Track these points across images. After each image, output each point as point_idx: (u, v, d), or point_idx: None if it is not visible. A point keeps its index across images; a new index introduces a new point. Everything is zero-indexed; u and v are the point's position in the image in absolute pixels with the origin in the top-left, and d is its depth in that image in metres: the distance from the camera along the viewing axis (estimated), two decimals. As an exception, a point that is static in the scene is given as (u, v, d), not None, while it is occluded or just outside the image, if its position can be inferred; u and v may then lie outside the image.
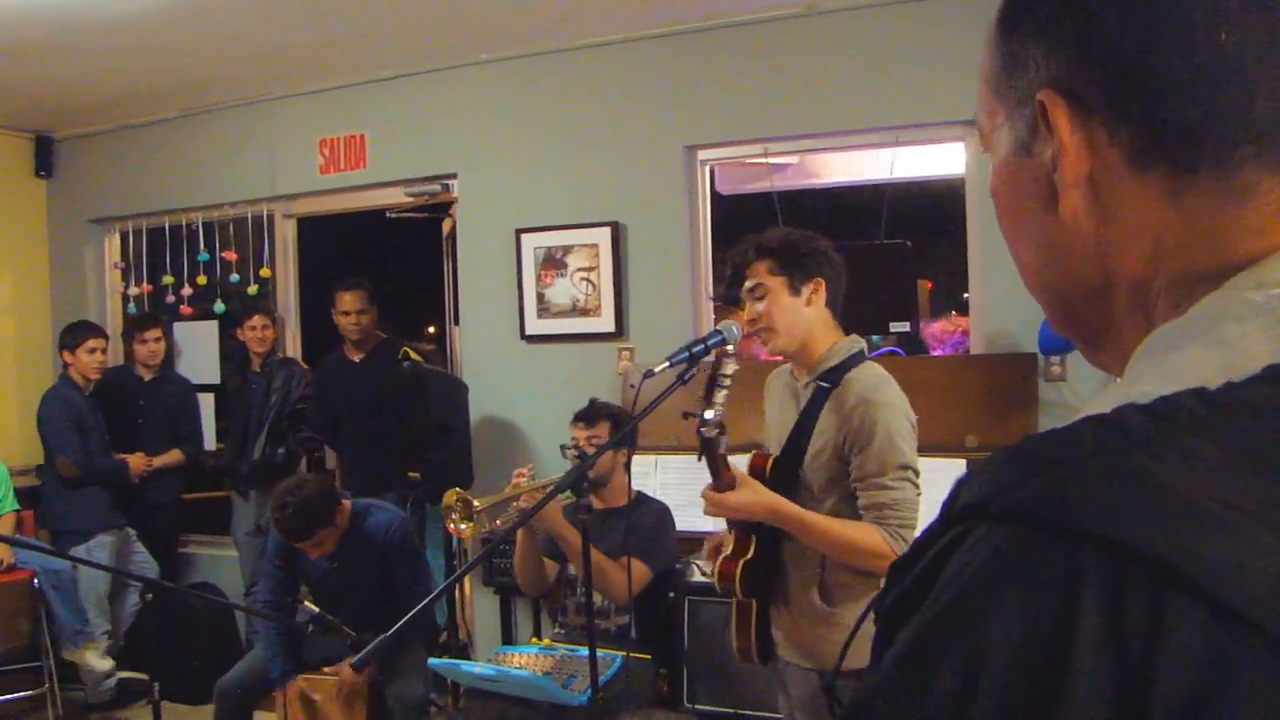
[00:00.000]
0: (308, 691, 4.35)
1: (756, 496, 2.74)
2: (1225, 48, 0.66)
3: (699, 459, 2.75)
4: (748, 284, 2.90)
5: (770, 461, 2.92)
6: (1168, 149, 0.68)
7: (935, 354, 6.57)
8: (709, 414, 2.66)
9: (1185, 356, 0.64)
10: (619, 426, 4.14)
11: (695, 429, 2.70)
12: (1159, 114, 0.68)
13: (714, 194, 5.66)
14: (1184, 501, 0.53)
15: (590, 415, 4.25)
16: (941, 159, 5.51)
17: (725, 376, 2.70)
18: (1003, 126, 0.77)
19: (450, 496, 3.73)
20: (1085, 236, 0.73)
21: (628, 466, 4.15)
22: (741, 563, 2.91)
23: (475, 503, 3.70)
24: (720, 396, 2.69)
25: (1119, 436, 0.57)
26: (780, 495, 2.79)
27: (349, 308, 5.74)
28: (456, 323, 6.22)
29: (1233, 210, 0.68)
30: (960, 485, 0.62)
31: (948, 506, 0.62)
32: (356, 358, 5.84)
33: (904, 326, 5.17)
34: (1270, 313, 0.62)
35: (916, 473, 2.76)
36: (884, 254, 5.06)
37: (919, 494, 2.75)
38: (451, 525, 3.74)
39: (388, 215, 6.38)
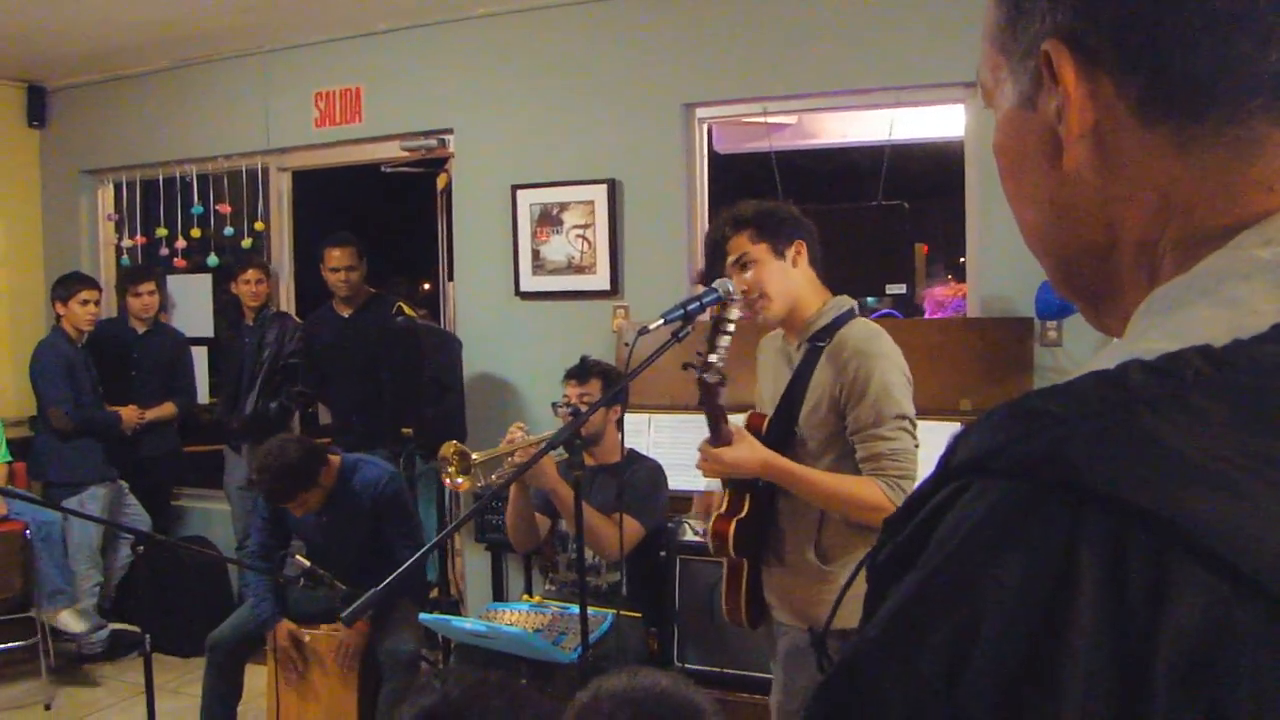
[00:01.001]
0: (298, 635, 4.35)
1: (752, 452, 2.74)
2: None
3: (699, 405, 2.74)
4: (731, 258, 2.90)
5: (766, 422, 2.92)
6: (1176, 101, 0.67)
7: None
8: (712, 357, 2.66)
9: (1191, 314, 0.62)
10: (611, 384, 4.13)
11: (696, 377, 2.69)
12: (1168, 64, 0.66)
13: (711, 153, 5.63)
14: (1189, 461, 0.52)
15: (582, 372, 4.24)
16: (941, 121, 5.47)
17: (729, 322, 2.69)
18: (1006, 80, 0.76)
19: (448, 448, 3.72)
20: (1090, 192, 0.72)
21: (620, 424, 4.15)
22: (735, 521, 2.90)
23: (473, 456, 3.69)
24: (724, 342, 2.68)
25: (1123, 394, 0.56)
26: (778, 453, 2.79)
27: (338, 264, 5.71)
28: (450, 279, 6.19)
29: (1242, 166, 0.66)
30: (958, 440, 0.61)
31: (945, 461, 0.61)
32: (346, 313, 5.82)
33: (900, 289, 5.16)
34: (1277, 270, 0.61)
35: (913, 423, 2.76)
36: (881, 215, 5.04)
37: (917, 444, 2.76)
38: (448, 479, 3.73)
39: (383, 169, 6.35)
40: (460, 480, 3.70)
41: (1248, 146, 0.66)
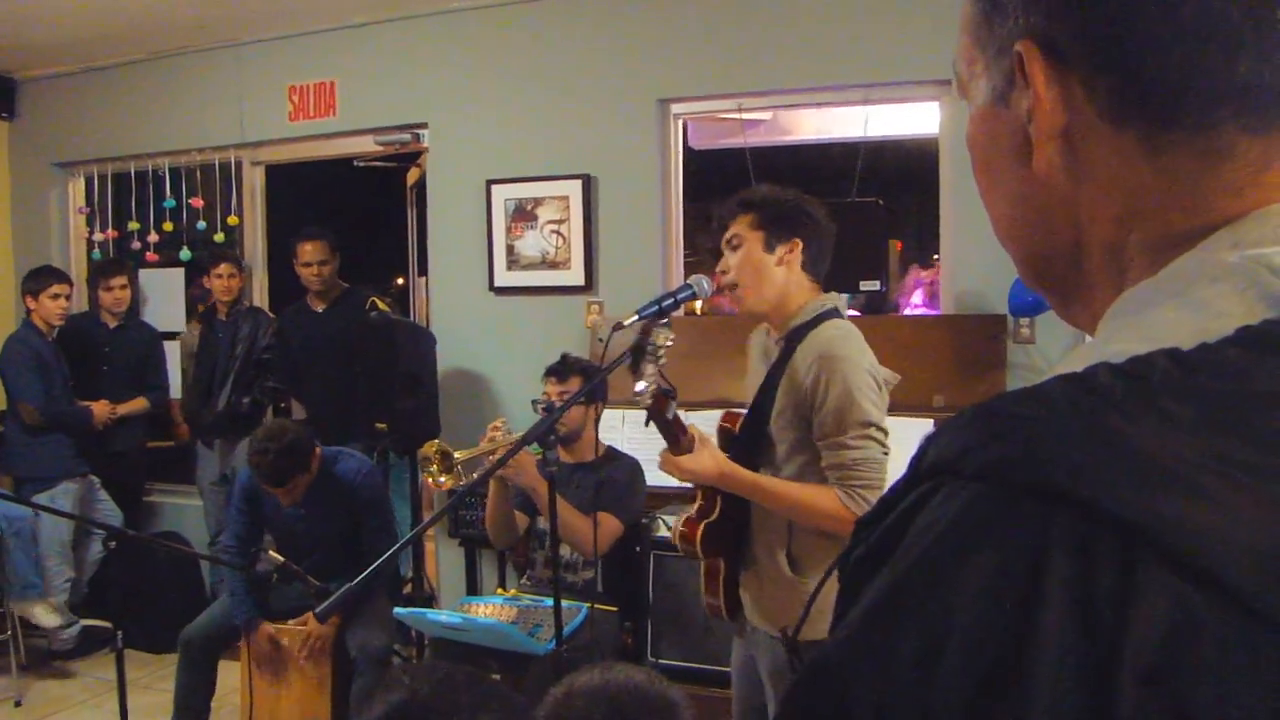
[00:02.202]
0: (275, 637, 4.34)
1: (712, 462, 2.71)
2: (1210, 4, 0.64)
3: (646, 424, 2.73)
4: (727, 233, 2.88)
5: (740, 421, 2.92)
6: (1146, 106, 0.67)
7: (907, 311, 6.60)
8: (639, 385, 2.62)
9: (1159, 316, 0.63)
10: (591, 380, 4.13)
11: (643, 405, 2.67)
12: (1138, 70, 0.66)
13: (686, 149, 5.63)
14: (1156, 463, 0.53)
15: (562, 370, 4.24)
16: (915, 118, 5.50)
17: (656, 347, 2.64)
18: (980, 75, 0.76)
19: (429, 448, 3.71)
20: (1058, 193, 0.72)
21: (598, 421, 4.14)
22: (703, 525, 2.89)
23: (455, 455, 3.68)
24: (650, 369, 2.63)
25: (1091, 396, 0.56)
26: (748, 456, 2.78)
27: (310, 258, 5.69)
28: (420, 274, 6.18)
29: (1211, 171, 0.67)
30: (928, 442, 0.61)
31: (915, 463, 0.62)
32: (319, 308, 5.80)
33: (874, 285, 5.17)
34: (1245, 273, 0.62)
35: (881, 429, 2.70)
36: (855, 212, 5.05)
37: (885, 452, 2.70)
38: (430, 478, 3.72)
39: (355, 164, 6.32)
40: (444, 480, 3.69)
41: (1216, 154, 0.67)
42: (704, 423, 3.05)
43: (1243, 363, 0.56)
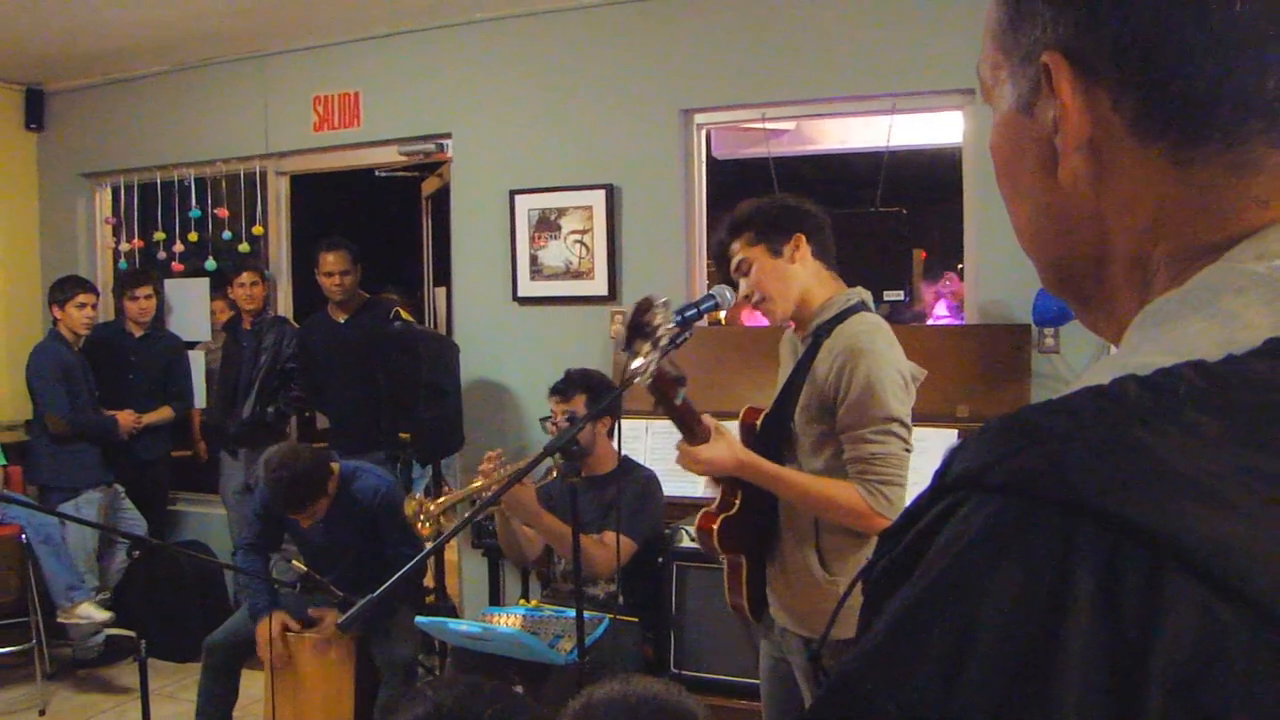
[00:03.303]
0: (290, 625, 4.35)
1: (729, 451, 2.69)
2: (1240, 18, 0.64)
3: (654, 408, 2.70)
4: (733, 262, 2.88)
5: (761, 416, 2.90)
6: (1174, 120, 0.67)
7: (931, 321, 6.58)
8: (634, 364, 2.53)
9: (1185, 328, 0.62)
10: (596, 394, 4.12)
11: (650, 389, 2.63)
12: (1167, 84, 0.66)
13: (710, 158, 5.64)
14: (1182, 476, 0.52)
15: (565, 388, 4.20)
16: (939, 127, 5.48)
17: (649, 325, 2.54)
18: (1005, 82, 0.76)
19: (410, 506, 3.73)
20: (1083, 204, 0.72)
21: (611, 433, 4.12)
22: (722, 518, 2.85)
23: (430, 506, 3.68)
24: (646, 348, 2.53)
25: (1118, 408, 0.56)
26: (769, 451, 2.76)
27: (332, 268, 5.71)
28: (435, 284, 6.19)
29: (1238, 184, 0.66)
30: (953, 454, 0.61)
31: (940, 475, 0.61)
32: (341, 318, 5.82)
33: (898, 295, 5.16)
34: (1271, 284, 0.61)
35: (905, 425, 2.68)
36: (879, 222, 5.05)
37: (908, 449, 2.69)
38: (421, 527, 3.74)
39: (376, 174, 6.35)
40: (427, 526, 3.72)
41: (1245, 168, 0.66)
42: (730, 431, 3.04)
43: (1270, 375, 0.56)
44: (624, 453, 4.20)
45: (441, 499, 3.77)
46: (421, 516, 3.69)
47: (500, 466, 3.82)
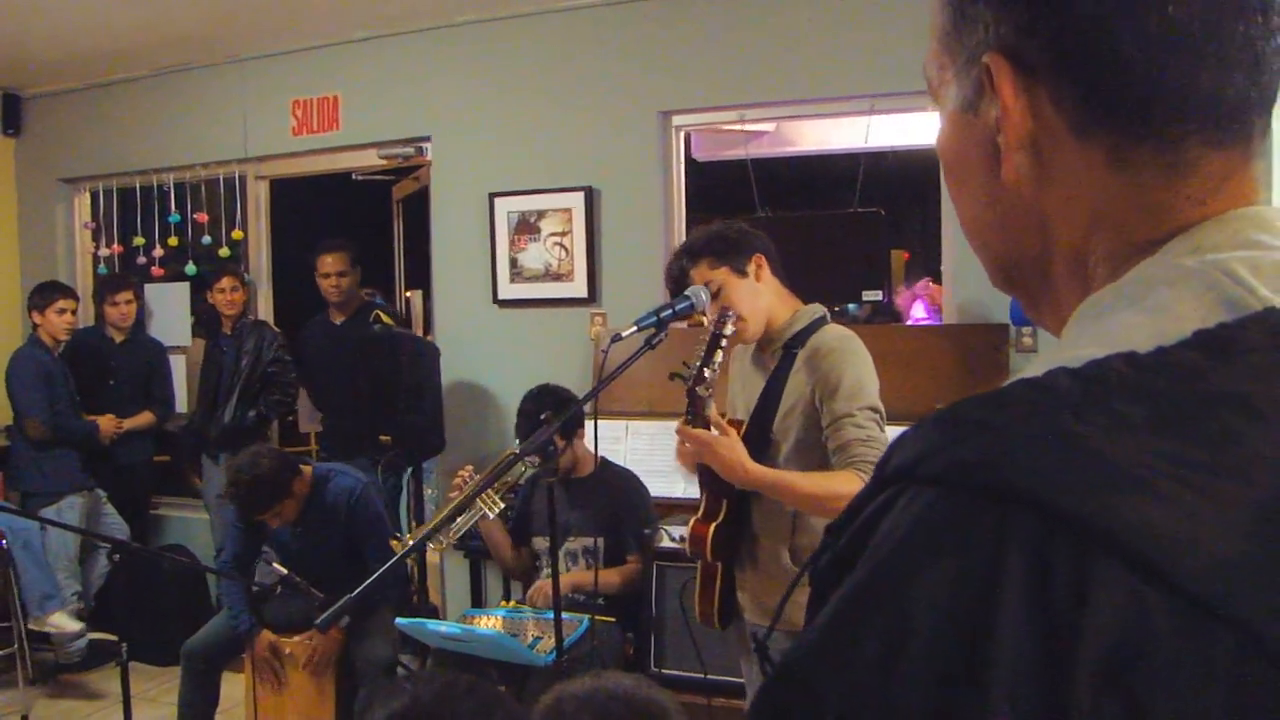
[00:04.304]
0: (277, 646, 4.34)
1: (740, 458, 2.67)
2: (1174, 20, 0.65)
3: (685, 420, 2.72)
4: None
5: (743, 428, 2.92)
6: (1112, 119, 0.68)
7: (909, 322, 6.60)
8: (706, 372, 2.68)
9: (1119, 320, 0.64)
10: (562, 411, 4.10)
11: (687, 388, 2.70)
12: (1105, 84, 0.68)
13: (689, 160, 5.64)
14: (1109, 464, 0.54)
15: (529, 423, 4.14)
16: (918, 128, 5.50)
17: (724, 338, 2.71)
18: (950, 83, 0.77)
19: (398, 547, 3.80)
20: (1026, 202, 0.73)
21: (583, 437, 4.16)
22: (713, 526, 2.89)
23: (405, 538, 3.69)
24: (719, 358, 2.70)
25: (1049, 399, 0.58)
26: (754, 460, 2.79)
27: (329, 270, 5.70)
28: (409, 287, 6.19)
29: (1174, 184, 0.68)
30: (893, 448, 0.63)
31: (880, 468, 0.63)
32: (339, 320, 5.82)
33: (876, 295, 5.17)
34: (1203, 278, 0.63)
35: (882, 415, 2.76)
36: (857, 223, 5.05)
37: (887, 439, 2.72)
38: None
39: (353, 177, 6.34)
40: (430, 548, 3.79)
41: (1181, 167, 0.68)
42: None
43: (1197, 365, 0.57)
44: (605, 456, 4.22)
45: (412, 534, 3.79)
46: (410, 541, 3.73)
47: (472, 479, 3.85)
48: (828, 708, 0.56)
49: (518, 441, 4.04)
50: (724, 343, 2.71)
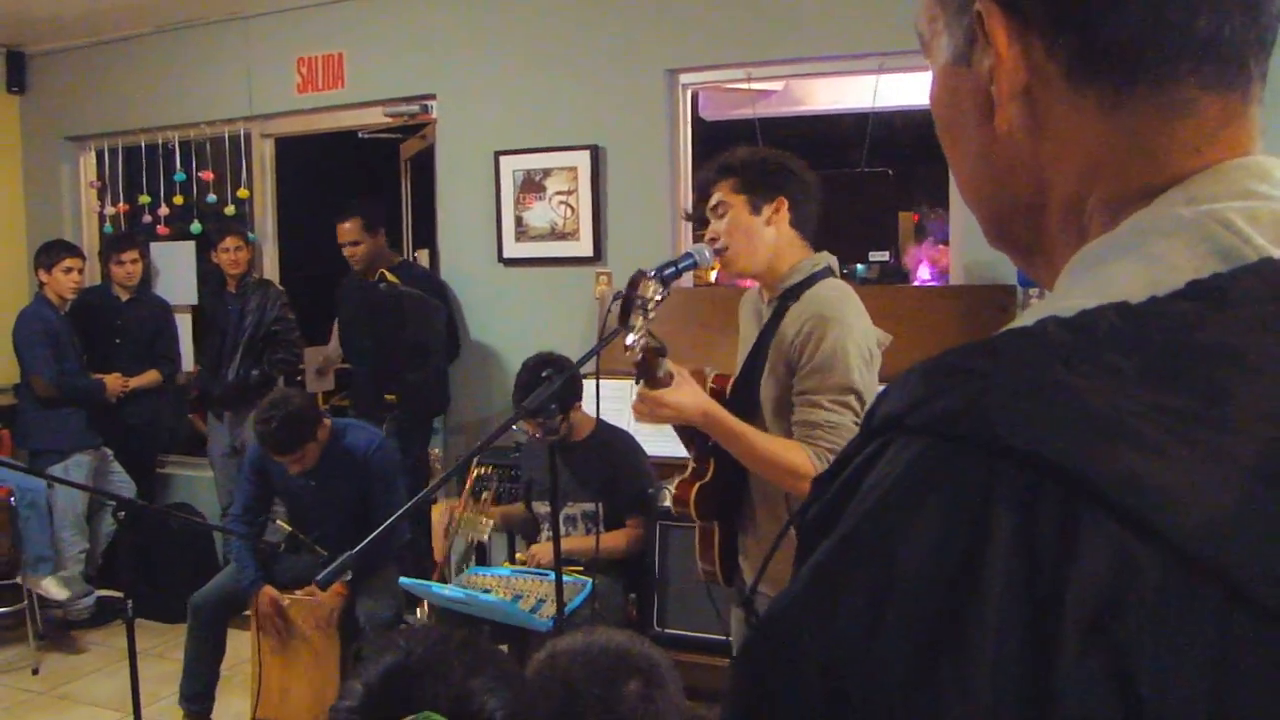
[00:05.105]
0: (280, 602, 4.37)
1: (694, 399, 2.58)
2: None
3: (636, 383, 2.62)
4: (711, 201, 2.83)
5: (730, 383, 2.88)
6: (1106, 64, 0.67)
7: (915, 282, 6.58)
8: (630, 339, 2.49)
9: (1111, 271, 0.63)
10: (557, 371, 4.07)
11: (634, 359, 2.55)
12: (1097, 28, 0.66)
13: (696, 119, 5.61)
14: (1098, 414, 0.53)
15: (524, 398, 4.08)
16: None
17: (641, 298, 2.51)
18: (942, 34, 0.76)
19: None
20: (1020, 151, 0.72)
21: (578, 408, 4.17)
22: (697, 486, 2.83)
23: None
24: (639, 323, 2.50)
25: (1038, 349, 0.57)
26: (741, 416, 2.72)
27: (344, 238, 5.56)
28: (416, 246, 6.15)
29: (1170, 128, 0.67)
30: (881, 398, 0.62)
31: (868, 420, 0.62)
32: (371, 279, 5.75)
33: (883, 256, 5.16)
34: (1198, 228, 0.62)
35: (860, 399, 2.62)
36: (864, 182, 5.04)
37: (857, 423, 2.58)
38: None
39: (360, 135, 6.31)
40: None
41: (1176, 110, 0.66)
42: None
43: (1190, 315, 0.57)
44: (603, 417, 4.20)
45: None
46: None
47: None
48: (811, 660, 0.55)
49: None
50: (649, 305, 2.50)
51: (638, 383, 2.60)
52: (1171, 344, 0.56)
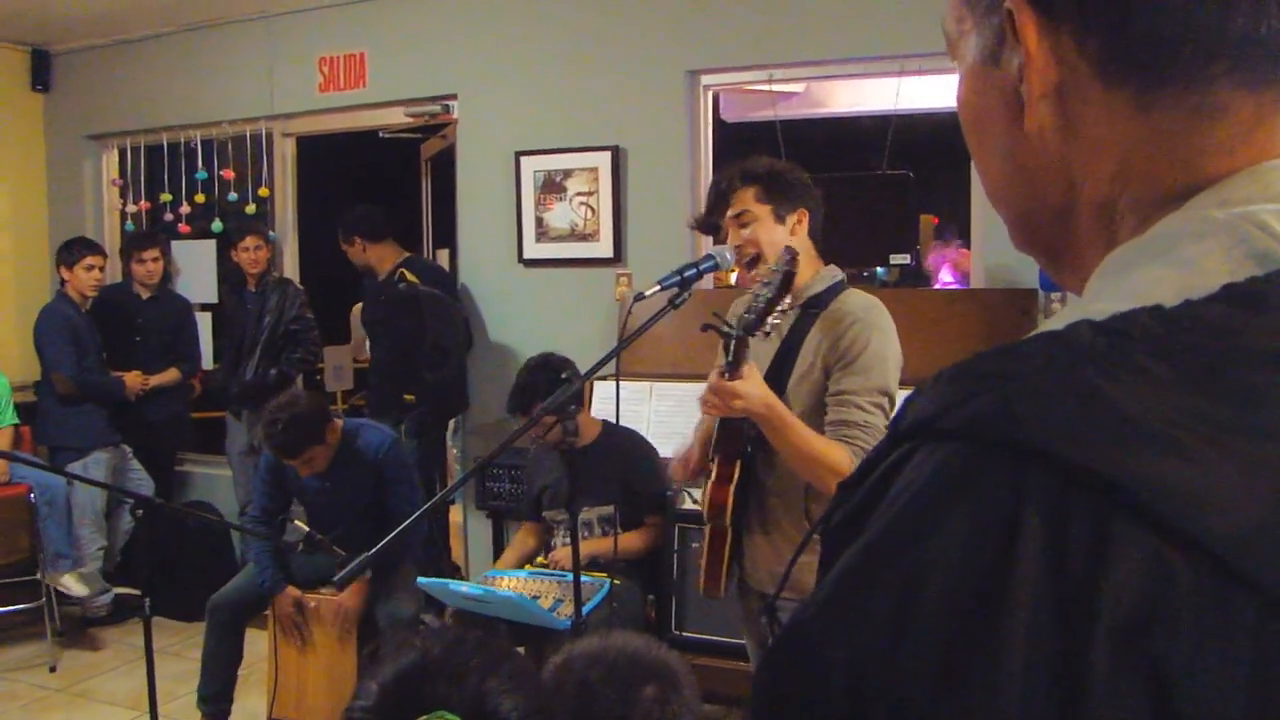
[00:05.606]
0: (302, 602, 4.37)
1: (759, 389, 2.57)
2: None
3: (726, 359, 2.57)
4: (732, 211, 2.83)
5: None
6: (1138, 63, 0.65)
7: (936, 286, 6.56)
8: (772, 318, 2.53)
9: (1144, 275, 0.62)
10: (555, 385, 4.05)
11: (736, 336, 2.53)
12: (1130, 26, 0.65)
13: (717, 121, 5.60)
14: (1131, 420, 0.52)
15: (523, 406, 4.11)
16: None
17: (795, 275, 2.56)
18: (970, 34, 0.75)
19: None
20: (1050, 152, 0.70)
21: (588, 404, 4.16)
22: (732, 490, 2.82)
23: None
24: (786, 302, 2.57)
25: (1070, 352, 0.56)
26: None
27: (354, 259, 5.69)
28: (436, 246, 6.16)
29: (1202, 130, 0.65)
30: (909, 402, 0.61)
31: (895, 424, 0.61)
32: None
33: (904, 259, 5.14)
34: (1231, 231, 0.60)
35: (892, 402, 2.69)
36: (885, 185, 5.01)
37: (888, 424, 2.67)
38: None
39: (380, 135, 6.32)
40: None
41: (1210, 111, 0.65)
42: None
43: (1225, 320, 0.55)
44: (612, 420, 4.20)
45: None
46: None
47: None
48: (836, 668, 0.54)
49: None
50: (780, 306, 2.54)
51: (724, 374, 2.56)
52: (1207, 349, 0.54)
